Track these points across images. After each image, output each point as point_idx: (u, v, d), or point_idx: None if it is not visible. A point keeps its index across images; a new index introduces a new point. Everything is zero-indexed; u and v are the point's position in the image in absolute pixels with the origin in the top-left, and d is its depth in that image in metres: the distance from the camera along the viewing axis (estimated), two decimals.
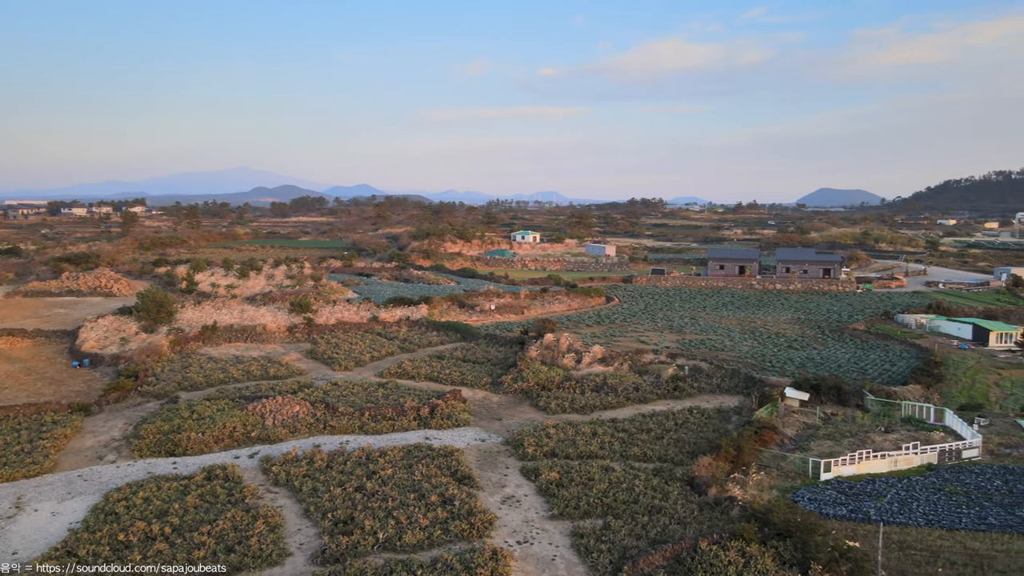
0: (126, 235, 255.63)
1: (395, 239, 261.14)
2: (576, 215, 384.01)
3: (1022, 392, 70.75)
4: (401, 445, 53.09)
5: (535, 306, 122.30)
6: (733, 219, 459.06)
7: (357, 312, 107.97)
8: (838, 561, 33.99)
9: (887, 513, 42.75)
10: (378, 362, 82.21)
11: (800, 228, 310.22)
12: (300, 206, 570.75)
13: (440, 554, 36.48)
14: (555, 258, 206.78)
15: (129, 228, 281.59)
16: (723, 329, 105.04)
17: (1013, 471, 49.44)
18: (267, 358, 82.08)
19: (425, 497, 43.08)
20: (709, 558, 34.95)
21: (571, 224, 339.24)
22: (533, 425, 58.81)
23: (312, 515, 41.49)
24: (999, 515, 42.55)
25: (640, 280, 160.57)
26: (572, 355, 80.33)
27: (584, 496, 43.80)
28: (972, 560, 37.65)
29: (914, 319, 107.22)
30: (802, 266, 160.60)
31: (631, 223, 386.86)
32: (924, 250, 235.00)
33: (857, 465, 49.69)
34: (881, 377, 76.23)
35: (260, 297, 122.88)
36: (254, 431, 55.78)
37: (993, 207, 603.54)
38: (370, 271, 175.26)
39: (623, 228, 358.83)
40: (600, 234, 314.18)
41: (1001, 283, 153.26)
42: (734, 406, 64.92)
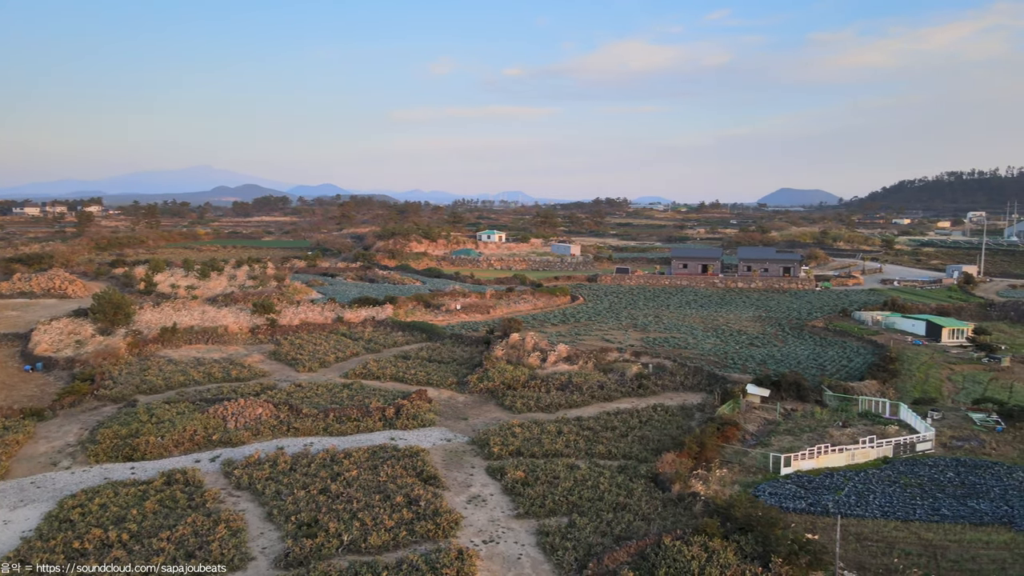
0: (81, 235, 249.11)
1: (360, 239, 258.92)
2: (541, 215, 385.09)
3: (973, 386, 72.96)
4: (366, 446, 52.70)
5: (501, 305, 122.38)
6: (696, 218, 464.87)
7: (321, 313, 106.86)
8: (798, 554, 34.69)
9: (845, 506, 43.76)
10: (343, 363, 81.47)
11: (761, 227, 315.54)
12: (263, 206, 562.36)
13: (406, 555, 36.32)
14: (521, 257, 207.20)
15: (84, 228, 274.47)
16: (686, 327, 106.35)
17: (965, 463, 50.98)
18: (229, 360, 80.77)
19: (390, 498, 42.84)
20: (672, 553, 35.38)
21: (537, 224, 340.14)
22: (499, 424, 58.87)
23: (275, 518, 40.97)
24: (952, 506, 43.84)
25: (605, 279, 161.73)
26: (537, 354, 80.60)
27: (550, 494, 43.98)
28: (926, 550, 38.75)
29: (870, 316, 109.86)
30: (763, 265, 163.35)
31: (596, 222, 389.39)
32: (880, 249, 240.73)
33: (816, 459, 50.76)
34: (839, 373, 77.97)
35: (222, 298, 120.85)
36: (215, 434, 54.85)
37: (945, 207, 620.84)
38: (335, 271, 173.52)
39: (588, 227, 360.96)
40: (565, 233, 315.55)
41: (953, 280, 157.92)
42: (697, 403, 65.79)
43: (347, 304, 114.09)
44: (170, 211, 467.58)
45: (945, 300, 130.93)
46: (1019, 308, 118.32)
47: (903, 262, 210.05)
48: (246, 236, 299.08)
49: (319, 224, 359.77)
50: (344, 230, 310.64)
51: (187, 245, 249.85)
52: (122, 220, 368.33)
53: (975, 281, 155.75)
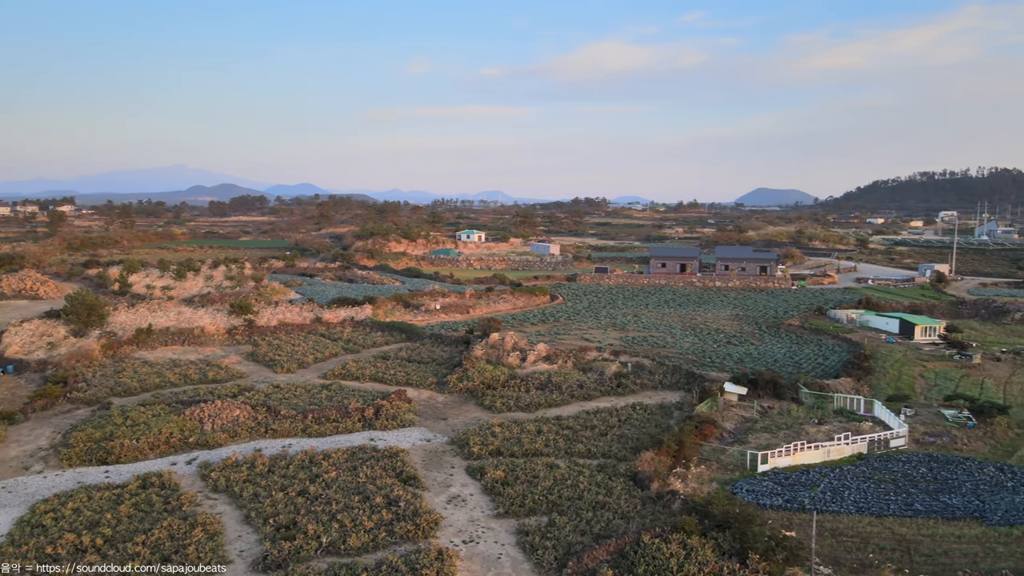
0: (54, 235, 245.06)
1: (339, 239, 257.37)
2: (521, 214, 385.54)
3: (945, 383, 74.23)
4: (345, 447, 52.45)
5: (480, 305, 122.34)
6: (674, 218, 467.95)
7: (300, 313, 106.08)
8: (774, 550, 35.10)
9: (820, 502, 44.33)
10: (321, 363, 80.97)
11: (738, 227, 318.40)
12: (240, 205, 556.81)
13: (385, 556, 36.21)
14: (500, 257, 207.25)
15: (57, 228, 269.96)
16: (665, 326, 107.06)
17: (937, 459, 51.88)
18: (206, 361, 79.93)
19: (370, 499, 42.68)
20: (652, 551, 35.64)
21: (516, 223, 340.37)
22: (478, 424, 58.88)
23: (253, 521, 40.64)
24: (924, 501, 44.59)
25: (584, 278, 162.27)
26: (517, 353, 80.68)
27: (529, 494, 44.08)
28: (900, 545, 39.39)
29: (845, 314, 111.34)
30: (740, 264, 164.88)
31: (575, 222, 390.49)
32: (854, 248, 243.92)
33: (792, 456, 51.36)
34: (815, 371, 78.93)
35: (198, 299, 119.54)
36: (192, 436, 54.27)
37: (918, 206, 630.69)
38: (313, 271, 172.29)
39: (567, 227, 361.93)
40: (545, 233, 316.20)
41: (925, 279, 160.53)
42: (675, 401, 66.27)
43: (326, 304, 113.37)
44: (145, 211, 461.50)
45: (918, 298, 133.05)
46: (989, 306, 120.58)
47: (877, 261, 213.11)
48: (223, 236, 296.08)
49: (297, 224, 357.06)
50: (323, 230, 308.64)
51: (163, 245, 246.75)
52: (95, 220, 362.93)
53: (947, 279, 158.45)
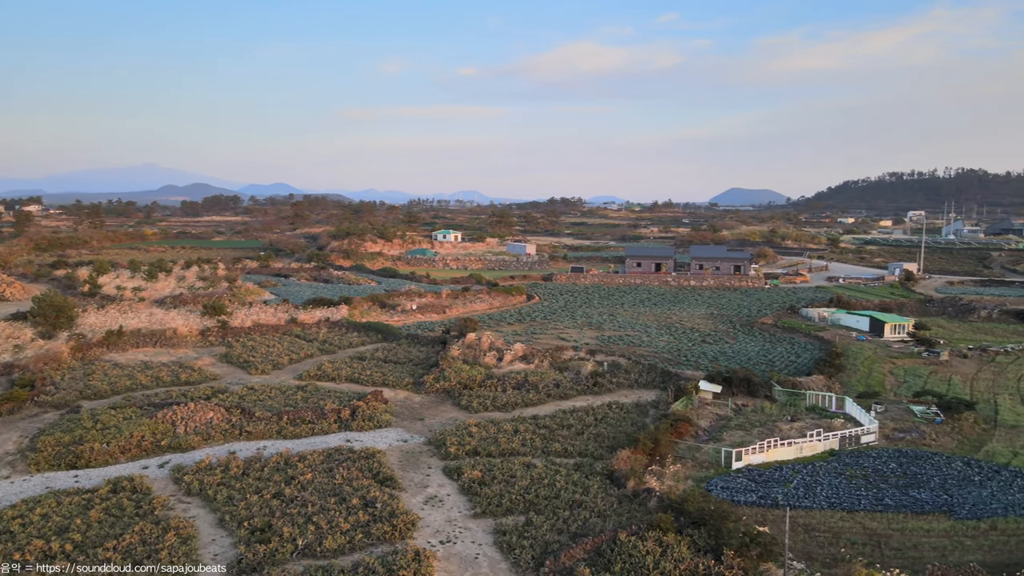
0: (20, 235, 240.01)
1: (314, 239, 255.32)
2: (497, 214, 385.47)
3: (914, 380, 75.63)
4: (321, 449, 52.08)
5: (457, 305, 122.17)
6: (649, 217, 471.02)
7: (275, 314, 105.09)
8: (749, 546, 35.53)
9: (793, 498, 44.95)
10: (297, 364, 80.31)
11: (713, 226, 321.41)
12: (213, 205, 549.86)
13: (362, 558, 36.04)
14: (476, 257, 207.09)
15: (23, 228, 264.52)
16: (640, 325, 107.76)
17: (906, 454, 52.86)
18: (178, 363, 78.88)
19: (346, 501, 42.44)
20: (628, 549, 35.88)
21: (492, 223, 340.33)
22: (455, 424, 58.80)
23: (227, 524, 40.20)
24: (894, 496, 45.41)
25: (560, 278, 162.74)
26: (494, 353, 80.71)
27: (506, 493, 44.13)
28: (871, 539, 40.08)
29: (817, 313, 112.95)
30: (715, 263, 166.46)
31: (551, 222, 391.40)
32: (826, 247, 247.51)
33: (766, 453, 52.01)
34: (788, 368, 79.96)
35: (170, 300, 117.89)
36: (164, 439, 53.51)
37: (887, 206, 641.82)
38: (288, 272, 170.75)
39: (543, 227, 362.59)
40: (521, 233, 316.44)
41: (894, 277, 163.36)
42: (651, 400, 66.73)
43: (301, 305, 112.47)
44: (115, 210, 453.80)
45: (887, 297, 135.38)
46: (956, 304, 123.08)
47: (848, 260, 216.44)
48: (195, 236, 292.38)
49: (271, 224, 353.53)
50: (297, 230, 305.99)
51: (133, 246, 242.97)
52: (64, 220, 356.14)
53: (915, 278, 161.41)
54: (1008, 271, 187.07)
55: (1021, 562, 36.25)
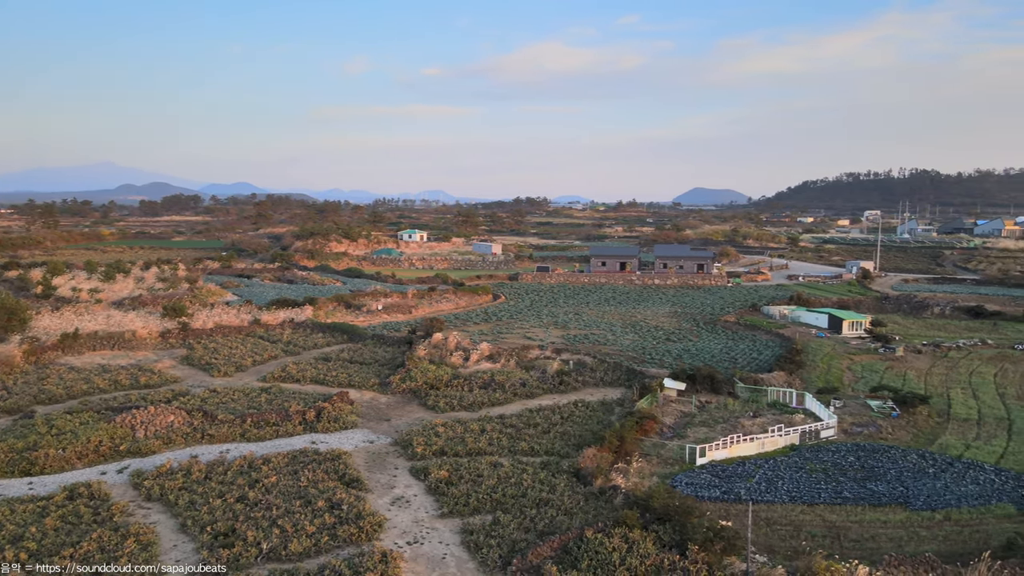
0: None
1: (278, 239, 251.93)
2: (463, 214, 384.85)
3: (871, 375, 77.51)
4: (286, 451, 51.48)
5: (423, 305, 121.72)
6: (614, 217, 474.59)
7: (237, 315, 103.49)
8: (713, 540, 36.09)
9: (756, 492, 45.77)
10: (260, 366, 79.23)
11: (676, 226, 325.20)
12: (172, 204, 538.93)
13: (328, 560, 35.75)
14: (442, 257, 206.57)
15: None
16: (606, 324, 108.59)
17: (864, 448, 54.19)
18: (137, 366, 77.22)
19: (312, 503, 42.03)
20: (595, 546, 36.19)
21: (458, 223, 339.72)
22: (422, 424, 58.63)
23: (190, 529, 39.52)
24: (853, 489, 46.53)
25: (526, 277, 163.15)
26: (460, 353, 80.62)
27: (473, 493, 44.15)
28: (830, 532, 41.02)
29: (778, 310, 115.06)
30: (678, 262, 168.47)
31: (516, 221, 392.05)
32: (786, 246, 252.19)
33: (729, 449, 52.86)
34: (750, 365, 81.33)
35: (129, 301, 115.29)
36: (123, 444, 52.35)
37: (844, 206, 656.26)
38: (251, 272, 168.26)
39: (509, 226, 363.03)
40: (487, 232, 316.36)
41: (852, 275, 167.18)
42: (617, 398, 67.32)
43: (264, 306, 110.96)
44: (70, 210, 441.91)
45: (845, 294, 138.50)
46: (911, 301, 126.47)
47: (807, 258, 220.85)
48: (155, 236, 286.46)
49: (234, 224, 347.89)
50: (260, 230, 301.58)
51: (90, 246, 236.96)
52: (15, 219, 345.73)
53: (872, 276, 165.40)
54: (960, 269, 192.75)
55: (974, 551, 37.40)
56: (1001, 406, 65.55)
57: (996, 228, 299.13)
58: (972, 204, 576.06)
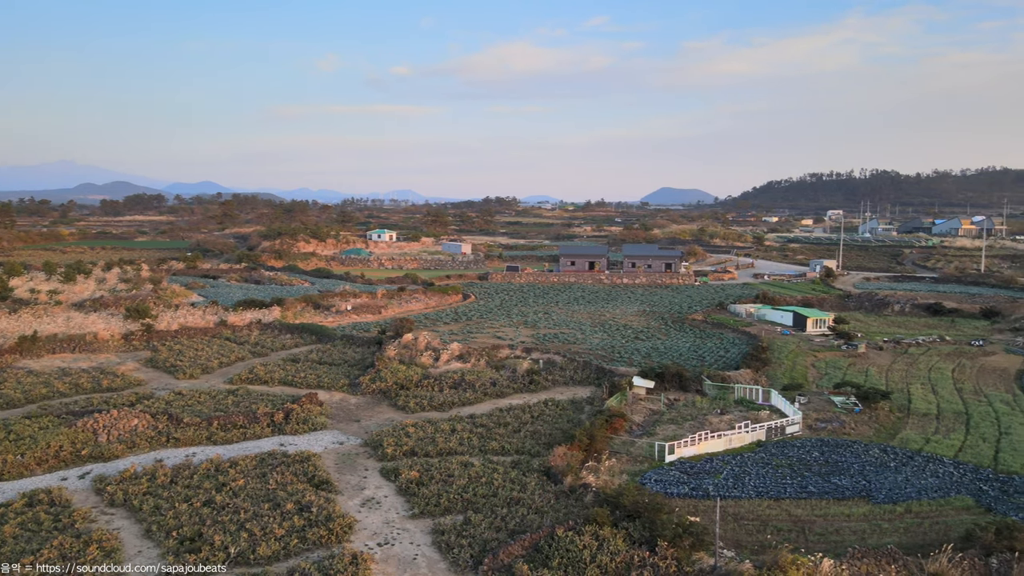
0: None
1: (244, 239, 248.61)
2: (432, 213, 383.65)
3: (834, 372, 79.05)
4: (254, 454, 50.86)
5: (392, 305, 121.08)
6: (583, 217, 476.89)
7: (203, 316, 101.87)
8: (682, 536, 36.53)
9: (723, 488, 46.41)
10: (227, 368, 78.11)
11: (644, 225, 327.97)
12: (135, 204, 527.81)
13: (297, 563, 35.42)
14: (412, 257, 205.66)
15: None
16: (575, 323, 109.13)
17: (828, 443, 55.27)
18: (99, 369, 75.57)
19: (280, 506, 41.59)
20: (565, 544, 36.38)
21: (427, 222, 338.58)
22: (392, 425, 58.35)
23: (155, 535, 38.83)
24: (817, 483, 47.43)
25: (495, 277, 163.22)
26: (430, 353, 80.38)
27: (444, 493, 44.08)
28: (796, 526, 41.77)
29: (744, 308, 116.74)
30: (647, 261, 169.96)
31: (486, 221, 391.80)
32: (752, 245, 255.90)
33: (697, 446, 53.52)
34: (717, 363, 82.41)
35: (90, 303, 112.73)
36: (85, 449, 51.23)
37: (808, 205, 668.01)
38: (217, 273, 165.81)
39: (478, 226, 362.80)
40: (456, 232, 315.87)
41: (815, 274, 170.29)
42: (586, 396, 67.71)
43: (231, 307, 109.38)
44: (27, 210, 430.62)
45: (809, 292, 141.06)
46: (872, 299, 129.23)
47: (772, 257, 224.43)
48: (117, 236, 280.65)
49: (199, 224, 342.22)
50: (226, 230, 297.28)
51: (48, 247, 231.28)
52: None
53: (835, 274, 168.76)
54: (919, 267, 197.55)
55: (934, 542, 38.41)
56: (959, 401, 67.36)
57: (953, 227, 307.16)
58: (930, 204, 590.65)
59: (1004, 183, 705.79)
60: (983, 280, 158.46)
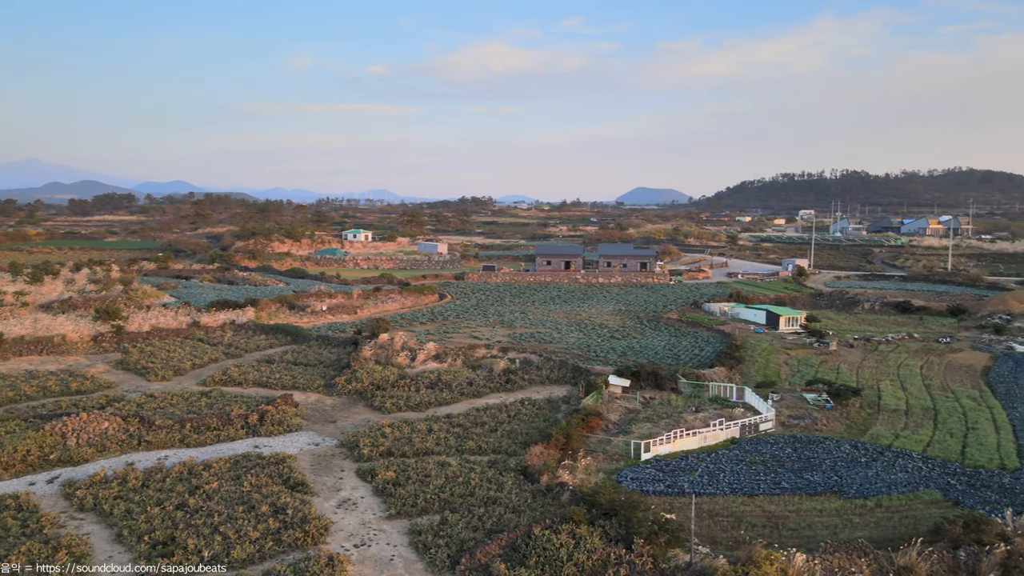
0: None
1: (217, 239, 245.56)
2: (408, 213, 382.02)
3: (806, 369, 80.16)
4: (228, 456, 50.30)
5: (368, 305, 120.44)
6: (559, 216, 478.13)
7: (175, 317, 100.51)
8: (657, 533, 36.84)
9: (698, 485, 46.86)
10: (200, 369, 77.13)
11: (620, 225, 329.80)
12: (105, 204, 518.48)
13: (273, 566, 35.13)
14: (388, 256, 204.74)
15: None
16: (551, 322, 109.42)
17: (800, 439, 56.05)
18: (68, 371, 74.22)
19: (255, 508, 41.19)
20: (542, 542, 36.50)
21: (403, 222, 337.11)
22: (368, 425, 58.07)
23: (126, 539, 38.24)
24: (790, 479, 48.08)
25: (472, 277, 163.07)
26: (406, 353, 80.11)
27: (421, 493, 43.98)
28: (769, 521, 42.30)
29: (718, 307, 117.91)
30: (622, 260, 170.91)
31: (462, 221, 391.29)
32: (725, 244, 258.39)
33: (672, 444, 53.96)
34: (692, 361, 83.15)
35: (58, 304, 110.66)
36: (53, 453, 50.28)
37: (780, 205, 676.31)
38: (189, 273, 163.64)
39: (454, 226, 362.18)
40: (432, 232, 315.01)
41: (788, 273, 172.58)
42: (563, 395, 67.93)
43: (204, 308, 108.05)
44: None
45: (782, 291, 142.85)
46: (843, 297, 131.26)
47: (745, 257, 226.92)
48: (86, 237, 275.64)
49: (170, 224, 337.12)
50: (199, 230, 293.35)
51: (14, 247, 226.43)
52: None
53: (807, 273, 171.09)
54: (888, 266, 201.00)
55: (904, 536, 39.15)
56: (927, 397, 68.70)
57: (921, 227, 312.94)
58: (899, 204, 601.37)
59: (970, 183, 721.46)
60: (950, 278, 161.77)
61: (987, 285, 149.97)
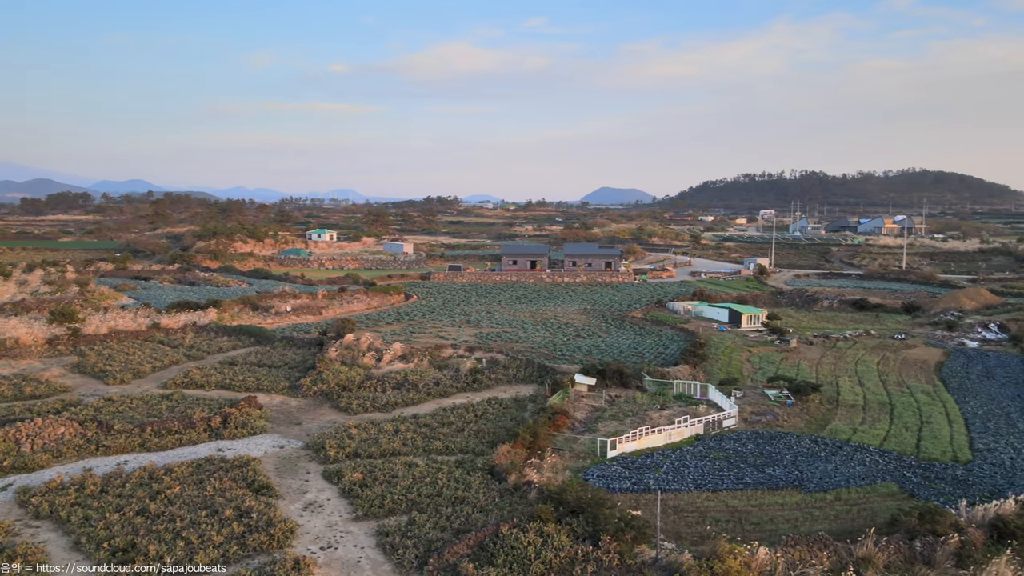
0: None
1: (177, 239, 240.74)
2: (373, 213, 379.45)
3: (767, 366, 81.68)
4: (190, 460, 49.44)
5: (333, 306, 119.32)
6: (524, 216, 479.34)
7: (134, 319, 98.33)
8: (624, 530, 37.25)
9: (664, 482, 47.48)
10: (161, 372, 75.63)
11: (584, 224, 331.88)
12: (59, 203, 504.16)
13: (238, 571, 34.67)
14: (353, 256, 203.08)
15: None
16: (517, 321, 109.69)
17: (762, 435, 57.15)
18: (21, 376, 72.14)
19: (219, 512, 40.59)
20: (510, 541, 36.65)
21: (368, 222, 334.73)
22: (334, 427, 57.59)
23: (84, 547, 37.36)
24: (753, 474, 49.00)
25: (438, 277, 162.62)
26: (372, 354, 79.61)
27: (388, 494, 43.79)
28: (733, 516, 43.07)
29: (682, 306, 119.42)
30: (587, 260, 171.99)
31: (428, 221, 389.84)
32: (689, 244, 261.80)
33: (638, 441, 54.57)
34: (657, 359, 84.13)
35: (10, 306, 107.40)
36: (7, 459, 48.85)
37: (742, 205, 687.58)
38: (148, 274, 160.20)
39: (420, 226, 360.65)
40: (398, 232, 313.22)
41: (749, 272, 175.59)
42: (529, 394, 68.19)
43: (164, 309, 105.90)
44: None
45: (743, 289, 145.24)
46: (803, 295, 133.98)
47: (708, 256, 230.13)
48: (39, 237, 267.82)
49: (128, 223, 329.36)
50: (158, 230, 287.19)
51: None
52: None
53: (767, 272, 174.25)
54: (846, 265, 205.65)
55: (862, 528, 40.17)
56: (883, 392, 70.57)
57: (877, 227, 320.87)
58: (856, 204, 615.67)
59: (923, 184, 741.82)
60: (904, 277, 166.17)
61: (940, 283, 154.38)
